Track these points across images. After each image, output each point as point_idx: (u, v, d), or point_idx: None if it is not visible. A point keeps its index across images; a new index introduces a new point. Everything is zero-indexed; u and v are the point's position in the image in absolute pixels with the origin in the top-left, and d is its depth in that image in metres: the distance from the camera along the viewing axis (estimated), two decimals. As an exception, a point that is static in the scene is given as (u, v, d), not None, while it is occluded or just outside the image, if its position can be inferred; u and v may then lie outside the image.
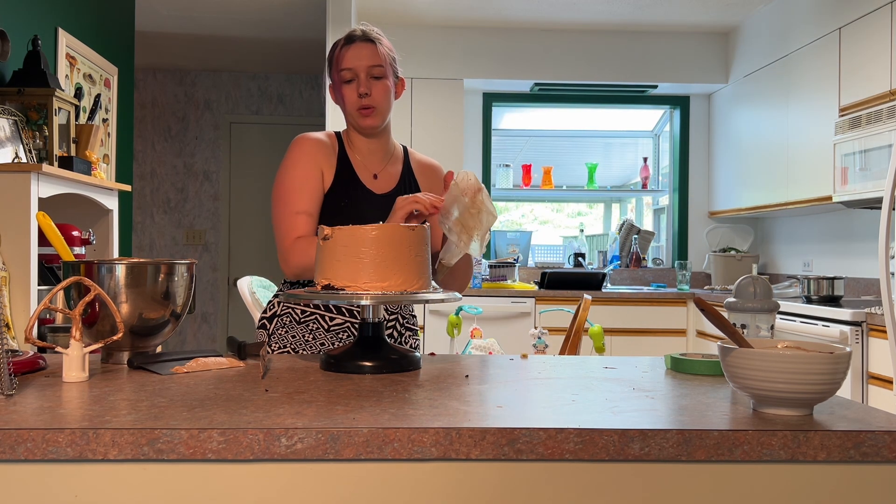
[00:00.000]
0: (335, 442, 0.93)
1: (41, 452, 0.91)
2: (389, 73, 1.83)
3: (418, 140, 5.37)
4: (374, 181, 1.87)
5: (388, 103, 1.83)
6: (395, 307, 1.86)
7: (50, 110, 3.00)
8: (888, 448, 0.96)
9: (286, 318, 1.82)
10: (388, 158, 1.91)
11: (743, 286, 1.40)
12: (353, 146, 1.88)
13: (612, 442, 0.95)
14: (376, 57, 1.80)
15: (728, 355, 1.05)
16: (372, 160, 1.88)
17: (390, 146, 1.92)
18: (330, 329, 1.80)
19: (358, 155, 1.87)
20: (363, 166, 1.87)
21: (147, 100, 6.76)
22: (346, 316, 1.81)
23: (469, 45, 5.49)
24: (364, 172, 1.86)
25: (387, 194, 1.85)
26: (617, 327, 4.97)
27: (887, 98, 3.59)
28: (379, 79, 1.80)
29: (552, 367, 1.44)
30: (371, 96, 1.79)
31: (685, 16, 5.21)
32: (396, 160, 1.92)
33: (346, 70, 1.79)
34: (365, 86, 1.78)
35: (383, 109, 1.82)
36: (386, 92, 1.81)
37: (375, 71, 1.79)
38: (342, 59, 1.80)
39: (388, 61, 1.82)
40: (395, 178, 1.89)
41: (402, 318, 1.89)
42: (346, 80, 1.80)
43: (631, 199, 6.29)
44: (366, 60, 1.79)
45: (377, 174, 1.88)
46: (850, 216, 4.44)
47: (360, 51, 1.80)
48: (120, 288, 1.36)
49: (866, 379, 3.30)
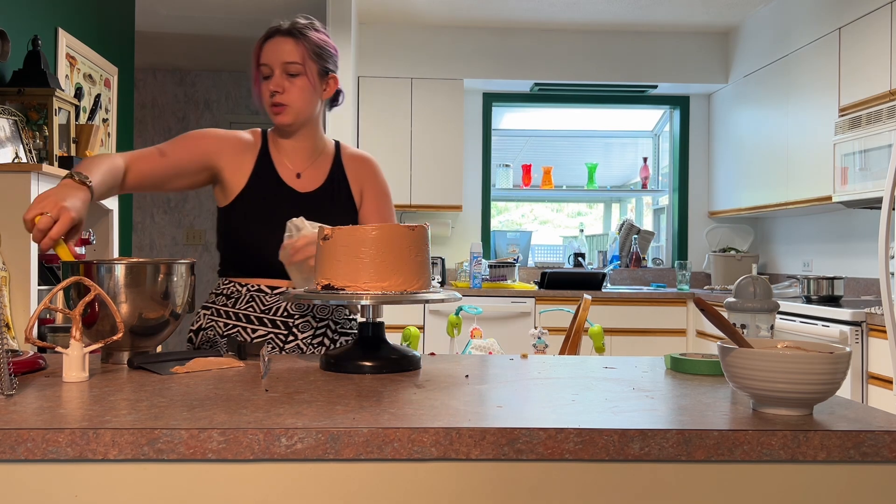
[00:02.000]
0: (335, 442, 0.93)
1: (41, 452, 0.91)
2: (310, 70, 1.75)
3: (418, 140, 5.37)
4: (298, 180, 1.81)
5: (304, 102, 1.75)
6: (324, 313, 1.79)
7: (50, 110, 3.00)
8: (888, 448, 0.96)
9: (210, 332, 1.76)
10: (316, 156, 1.84)
11: (743, 286, 1.40)
12: (277, 144, 1.83)
13: (612, 442, 0.95)
14: (293, 53, 1.73)
15: (728, 355, 1.05)
16: (296, 158, 1.82)
17: (317, 144, 1.85)
18: (253, 340, 1.72)
19: (281, 153, 1.82)
20: (286, 165, 1.81)
21: (147, 100, 6.76)
22: (269, 327, 1.74)
23: (469, 45, 5.49)
24: (286, 171, 1.81)
25: (311, 193, 1.81)
26: (617, 327, 4.97)
27: (887, 98, 3.59)
28: (295, 76, 1.73)
29: (552, 367, 1.44)
30: (283, 94, 1.73)
31: (685, 16, 5.21)
32: (325, 158, 1.86)
33: (263, 66, 1.74)
34: (276, 83, 1.72)
35: (297, 108, 1.75)
36: (301, 90, 1.74)
37: (291, 68, 1.72)
38: (261, 52, 1.75)
39: (310, 57, 1.74)
40: (321, 176, 1.83)
41: (333, 324, 1.80)
42: (265, 75, 1.75)
43: (631, 199, 6.29)
44: (282, 56, 1.72)
45: (301, 173, 1.82)
46: (849, 216, 4.44)
47: (278, 46, 1.73)
48: (120, 288, 1.36)
49: (866, 379, 3.30)
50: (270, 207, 1.75)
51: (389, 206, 1.92)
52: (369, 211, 1.87)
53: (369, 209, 1.87)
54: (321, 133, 1.86)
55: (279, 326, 1.75)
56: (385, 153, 5.37)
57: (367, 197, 1.88)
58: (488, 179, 5.78)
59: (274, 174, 1.80)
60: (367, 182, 1.88)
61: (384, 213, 1.89)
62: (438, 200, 5.38)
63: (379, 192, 1.90)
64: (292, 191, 1.80)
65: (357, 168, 1.88)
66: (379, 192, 1.90)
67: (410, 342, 3.16)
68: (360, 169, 1.89)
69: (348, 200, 1.84)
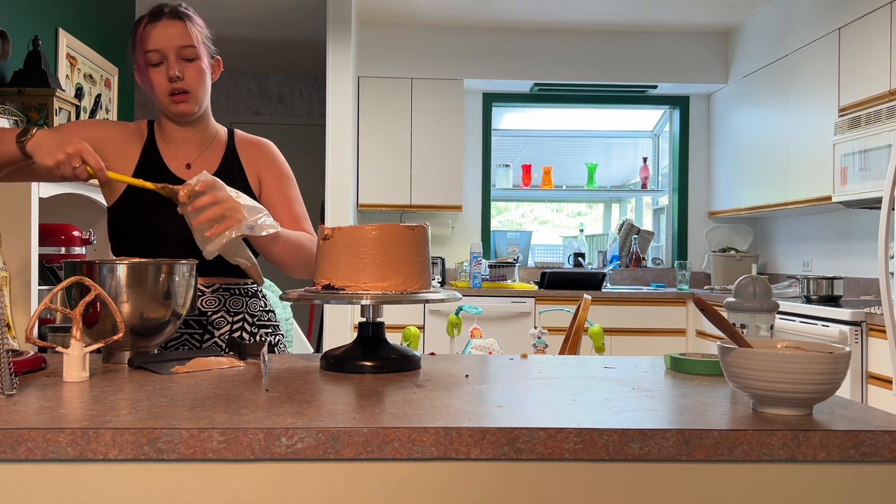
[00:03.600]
0: (335, 442, 0.93)
1: (42, 452, 0.91)
2: (203, 54, 1.66)
3: (418, 140, 5.37)
4: (188, 171, 1.71)
5: (204, 87, 1.67)
6: (238, 307, 1.73)
7: (50, 110, 3.00)
8: (888, 448, 0.96)
9: None
10: (206, 145, 1.75)
11: (742, 286, 1.40)
12: (165, 134, 1.73)
13: (612, 442, 0.95)
14: (187, 36, 1.63)
15: (728, 355, 1.06)
16: (186, 149, 1.73)
17: (209, 132, 1.76)
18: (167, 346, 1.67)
19: (170, 144, 1.73)
20: (174, 156, 1.72)
21: (147, 100, 6.73)
22: (183, 328, 1.69)
23: (469, 45, 5.49)
24: (174, 162, 1.72)
25: None
26: (617, 327, 4.97)
27: (887, 98, 3.59)
28: (192, 60, 1.63)
29: (552, 367, 1.44)
30: (184, 80, 1.63)
31: (685, 16, 5.21)
32: (217, 146, 1.76)
33: (153, 52, 1.61)
34: (175, 68, 1.62)
35: (198, 94, 1.66)
36: (200, 74, 1.65)
37: (187, 52, 1.62)
38: (147, 38, 1.62)
39: (201, 40, 1.66)
40: (213, 166, 1.73)
41: (249, 317, 1.75)
42: (154, 62, 1.62)
43: (631, 199, 6.29)
44: (175, 40, 1.62)
45: (191, 163, 1.72)
46: (849, 216, 4.44)
47: (169, 29, 1.62)
48: (121, 288, 1.36)
49: (866, 379, 3.30)
50: (158, 201, 1.57)
51: (292, 186, 1.81)
52: (272, 194, 1.77)
53: (271, 192, 1.77)
54: (212, 121, 1.78)
55: (193, 326, 1.69)
56: (385, 153, 5.37)
57: (266, 181, 1.78)
58: (488, 179, 5.78)
59: (161, 166, 1.70)
60: (265, 167, 1.79)
61: (287, 194, 1.79)
62: (438, 200, 5.38)
63: (278, 173, 1.80)
64: (182, 182, 1.67)
65: (252, 154, 1.79)
66: (278, 174, 1.80)
67: (410, 342, 3.16)
68: (255, 155, 1.79)
69: (244, 189, 1.70)
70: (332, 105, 4.80)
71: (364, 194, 5.35)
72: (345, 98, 4.82)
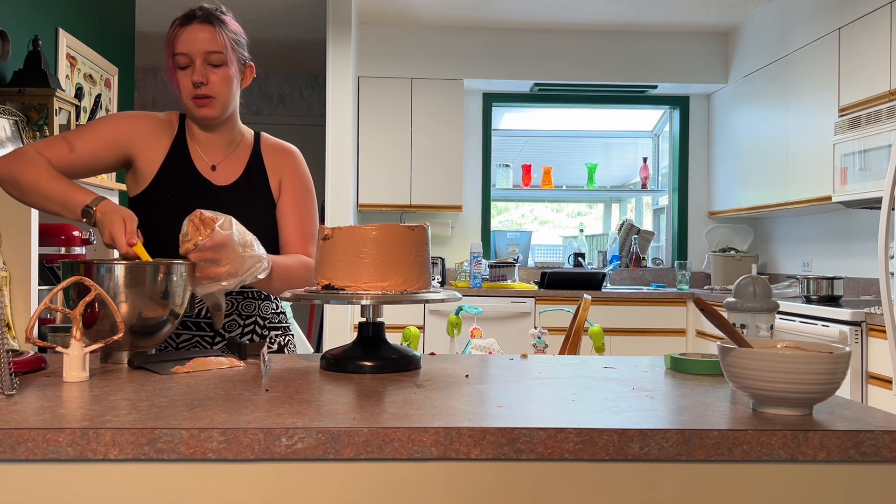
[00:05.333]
0: (335, 442, 0.93)
1: (42, 452, 0.91)
2: (232, 60, 1.65)
3: (418, 140, 5.37)
4: (213, 172, 1.72)
5: (229, 93, 1.66)
6: (251, 310, 1.74)
7: (50, 110, 3.00)
8: (888, 448, 0.96)
9: None
10: (232, 148, 1.75)
11: (742, 286, 1.40)
12: (193, 134, 1.73)
13: (612, 442, 0.95)
14: (214, 42, 1.62)
15: (728, 355, 1.06)
16: (211, 150, 1.73)
17: (234, 136, 1.76)
18: (179, 347, 1.69)
19: (197, 143, 1.73)
20: (201, 156, 1.72)
21: (147, 100, 6.75)
22: (194, 330, 1.70)
23: (469, 45, 5.49)
24: (201, 162, 1.72)
25: (228, 186, 1.72)
26: (617, 327, 4.98)
27: (887, 98, 3.59)
28: (218, 66, 1.63)
29: (552, 367, 1.44)
30: (207, 85, 1.62)
31: (685, 16, 5.21)
32: (242, 150, 1.77)
33: (181, 55, 1.62)
34: (200, 74, 1.61)
35: (223, 100, 1.65)
36: (226, 81, 1.64)
37: (214, 58, 1.62)
38: (176, 41, 1.62)
39: (231, 46, 1.65)
40: (238, 169, 1.74)
41: (260, 320, 1.76)
42: (181, 65, 1.63)
43: (631, 199, 6.29)
44: (203, 45, 1.61)
45: (216, 165, 1.73)
46: (849, 216, 4.44)
47: (198, 34, 1.61)
48: (119, 288, 1.36)
49: (866, 379, 3.30)
50: (183, 199, 1.63)
51: (309, 200, 1.80)
52: (286, 203, 1.76)
53: (286, 201, 1.77)
54: (239, 124, 1.78)
55: (204, 329, 1.69)
56: (385, 153, 5.37)
57: (285, 189, 1.77)
58: (488, 179, 5.78)
59: (188, 164, 1.71)
60: (287, 173, 1.78)
61: (302, 207, 1.78)
62: (438, 200, 5.39)
63: (298, 184, 1.79)
64: (208, 183, 1.71)
65: (277, 159, 1.79)
66: (298, 185, 1.79)
67: (410, 342, 3.16)
68: (280, 160, 1.79)
69: (265, 195, 1.75)
70: (332, 105, 4.81)
71: (364, 194, 5.35)
72: (345, 98, 4.82)
